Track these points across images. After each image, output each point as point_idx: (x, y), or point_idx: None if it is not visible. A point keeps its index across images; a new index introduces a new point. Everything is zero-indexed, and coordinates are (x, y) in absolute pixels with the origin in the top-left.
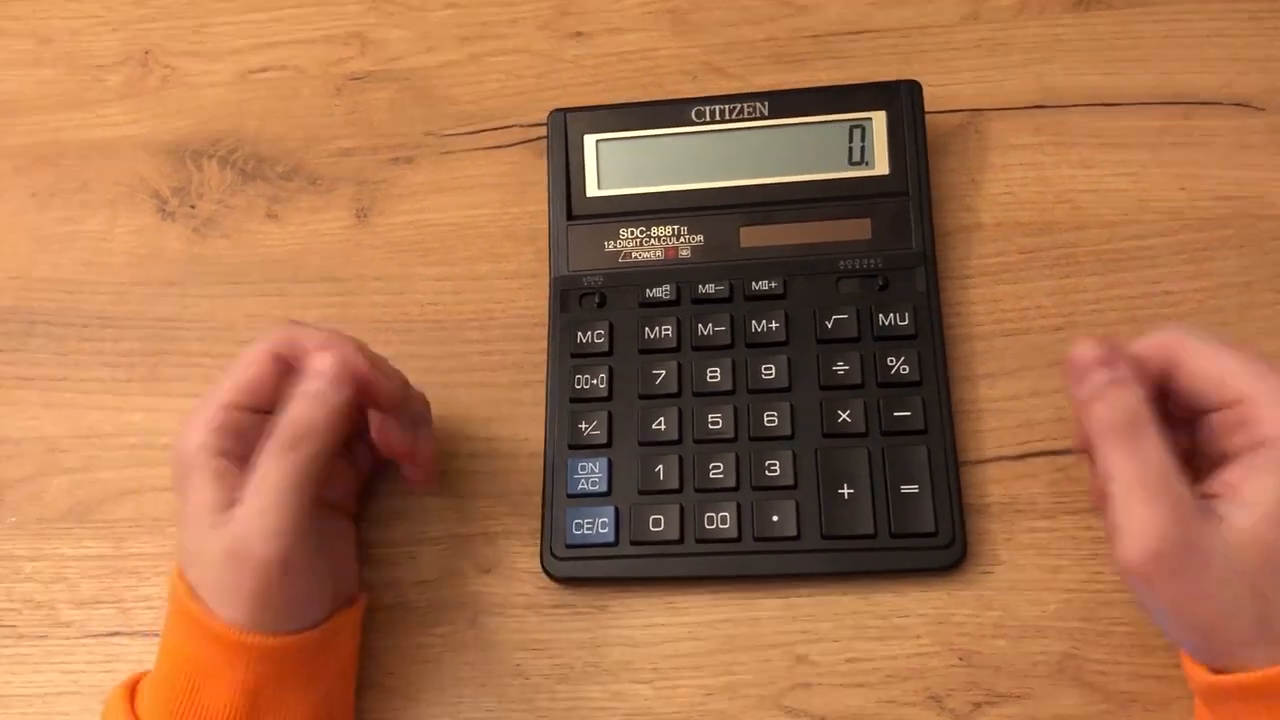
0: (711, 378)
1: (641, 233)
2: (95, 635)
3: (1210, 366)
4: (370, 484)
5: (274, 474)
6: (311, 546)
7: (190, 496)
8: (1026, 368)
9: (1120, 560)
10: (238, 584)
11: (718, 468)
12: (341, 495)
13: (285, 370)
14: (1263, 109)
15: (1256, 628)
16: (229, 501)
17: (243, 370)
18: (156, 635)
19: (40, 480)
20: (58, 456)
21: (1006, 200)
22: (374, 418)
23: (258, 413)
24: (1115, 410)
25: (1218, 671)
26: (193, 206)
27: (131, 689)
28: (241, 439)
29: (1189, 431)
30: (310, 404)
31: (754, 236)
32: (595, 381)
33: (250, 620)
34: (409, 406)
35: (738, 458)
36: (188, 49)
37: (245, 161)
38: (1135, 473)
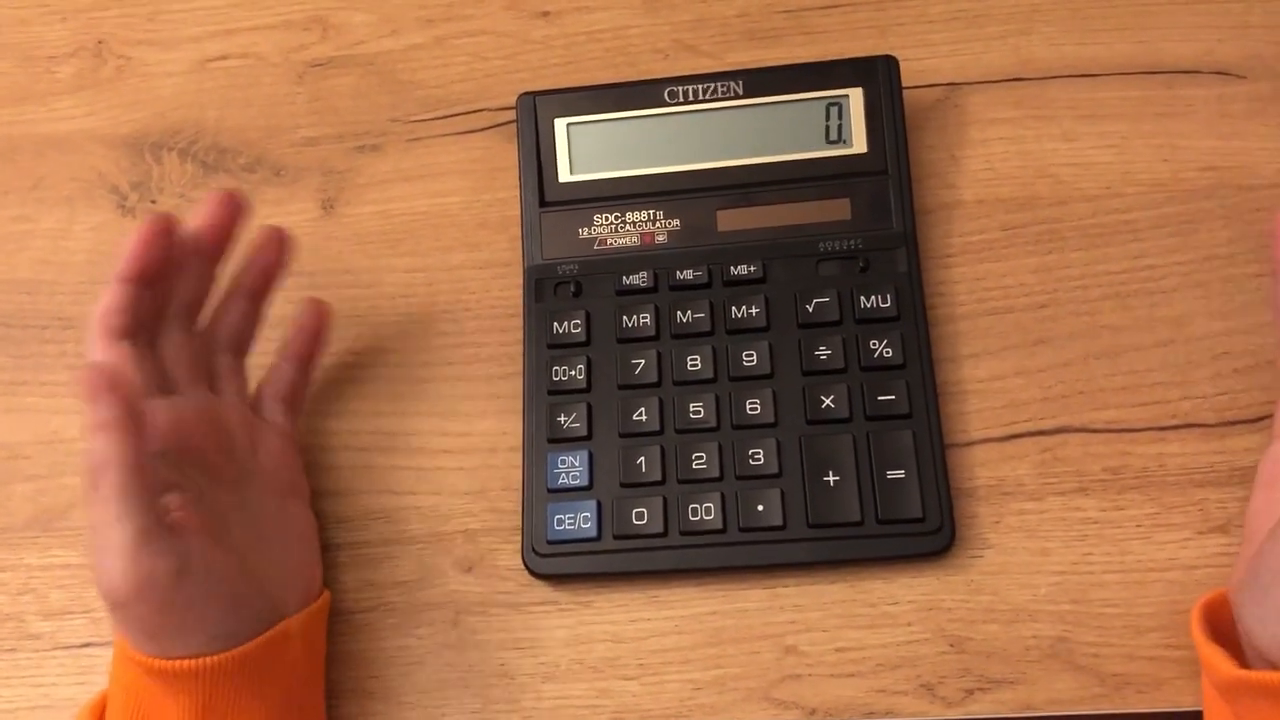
0: (692, 366)
1: (616, 218)
2: (66, 647)
3: None
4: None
5: (92, 516)
6: (189, 567)
7: None
8: (1011, 347)
9: None
10: (123, 621)
11: (700, 458)
12: (273, 474)
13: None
14: (1243, 77)
15: None
16: None
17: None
18: None
19: (3, 489)
20: (20, 463)
21: (987, 176)
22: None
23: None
24: None
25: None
26: (153, 201)
27: (99, 711)
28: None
29: None
30: (96, 439)
31: (732, 220)
32: (573, 372)
33: (160, 650)
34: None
35: (720, 447)
36: (142, 38)
37: (206, 153)
38: None
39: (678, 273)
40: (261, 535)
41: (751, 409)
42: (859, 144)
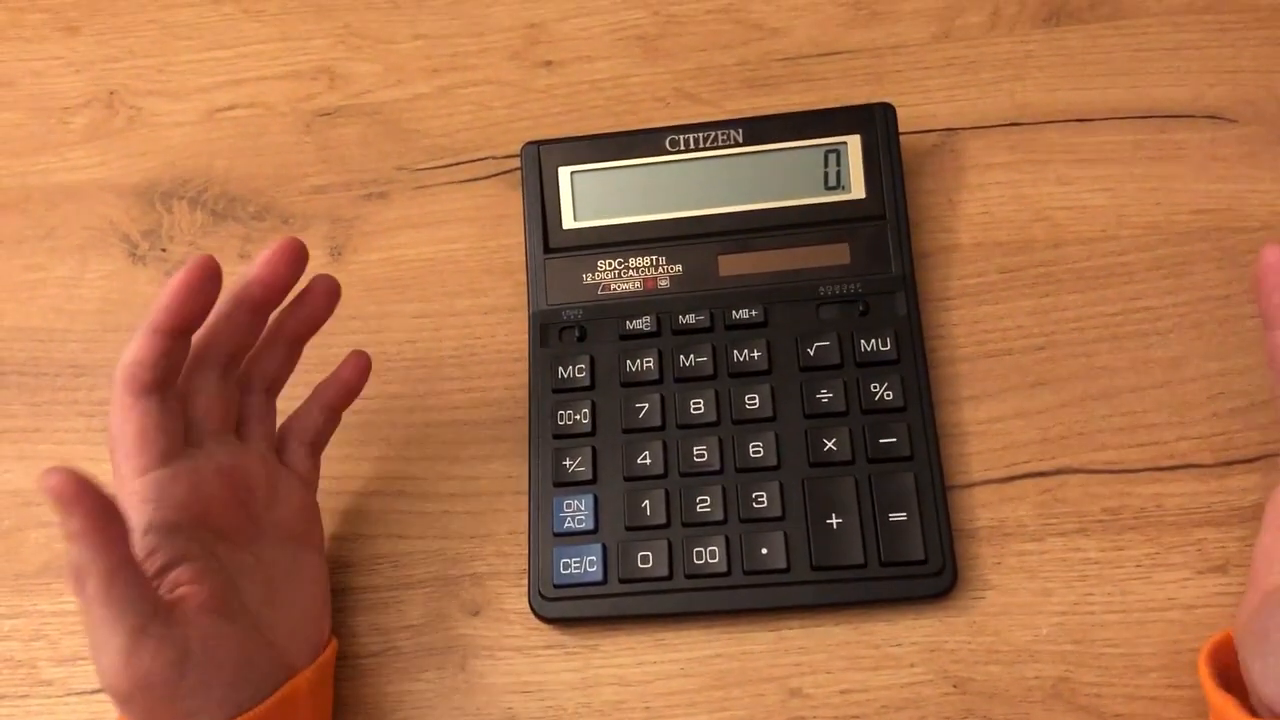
0: (695, 409)
1: (620, 264)
2: (78, 693)
3: None
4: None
5: (84, 617)
6: (189, 656)
7: None
8: (1010, 389)
9: None
10: (128, 713)
11: (705, 501)
12: (290, 524)
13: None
14: (1235, 120)
15: None
16: None
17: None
18: None
19: (16, 535)
20: (33, 510)
21: (984, 220)
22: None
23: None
24: None
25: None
26: (164, 249)
27: None
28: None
29: None
30: (72, 547)
31: (733, 265)
32: (578, 416)
33: None
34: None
35: (724, 490)
36: (153, 88)
37: (215, 202)
38: None
39: (680, 317)
40: (274, 591)
41: (755, 452)
42: (857, 189)
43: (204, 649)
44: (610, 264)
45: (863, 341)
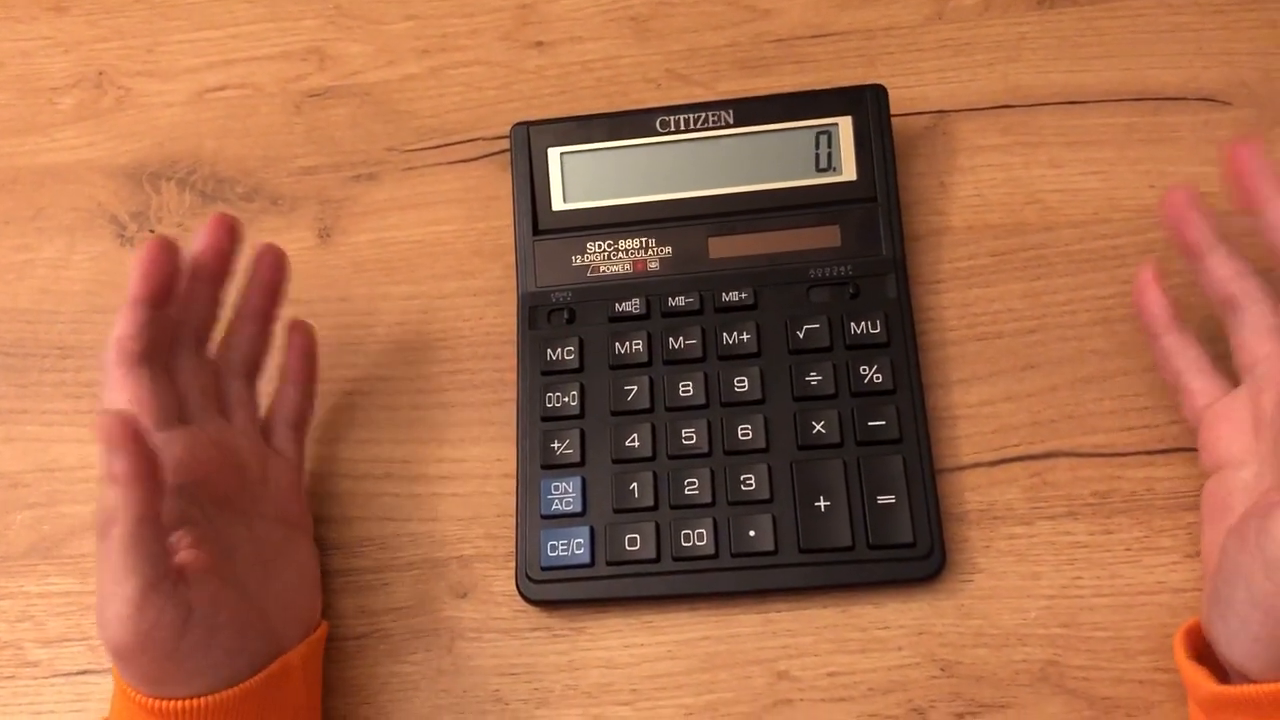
0: (684, 392)
1: (609, 246)
2: (64, 674)
3: None
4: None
5: (100, 565)
6: (193, 616)
7: None
8: (1000, 372)
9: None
10: (125, 669)
11: (693, 483)
12: (281, 504)
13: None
14: (1228, 103)
15: None
16: None
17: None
18: None
19: (3, 517)
20: (20, 492)
21: (976, 202)
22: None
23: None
24: None
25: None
26: (152, 230)
27: None
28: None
29: None
30: (110, 490)
31: (723, 247)
32: (566, 399)
33: (161, 693)
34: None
35: (713, 473)
36: (142, 69)
37: (204, 183)
38: None
39: (669, 300)
40: (267, 567)
41: (743, 434)
42: (848, 171)
43: (207, 612)
44: (600, 246)
45: (853, 324)
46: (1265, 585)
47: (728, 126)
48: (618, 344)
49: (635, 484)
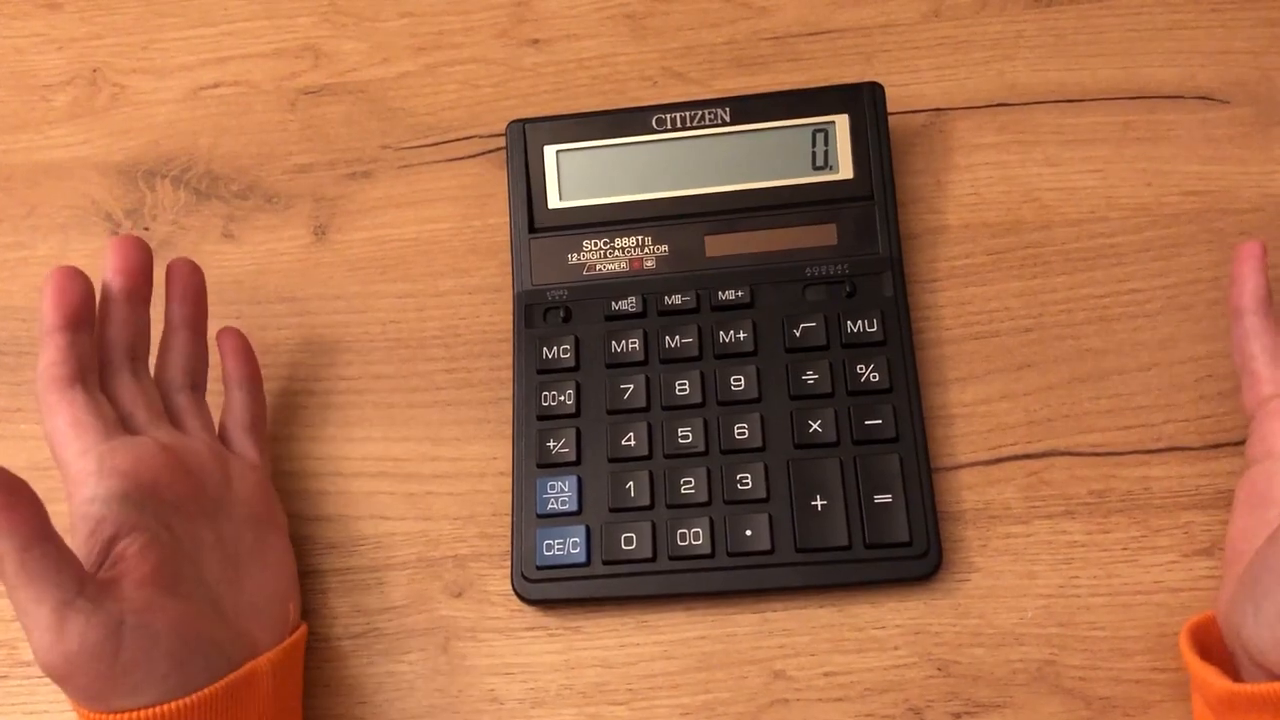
0: (680, 391)
1: (605, 244)
2: None
3: None
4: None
5: (11, 598)
6: (121, 631)
7: None
8: (996, 371)
9: None
10: (66, 690)
11: (689, 483)
12: (250, 504)
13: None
14: (1226, 101)
15: None
16: None
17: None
18: None
19: None
20: None
21: (972, 201)
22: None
23: None
24: None
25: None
26: (146, 228)
27: None
28: None
29: None
30: None
31: (719, 245)
32: (562, 398)
33: (109, 707)
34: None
35: (709, 472)
36: (136, 66)
37: (199, 180)
38: None
39: (666, 298)
40: (236, 568)
41: (740, 434)
42: (845, 170)
43: (139, 622)
44: (596, 244)
45: (849, 323)
46: None
47: (724, 124)
48: (614, 342)
49: (631, 483)
